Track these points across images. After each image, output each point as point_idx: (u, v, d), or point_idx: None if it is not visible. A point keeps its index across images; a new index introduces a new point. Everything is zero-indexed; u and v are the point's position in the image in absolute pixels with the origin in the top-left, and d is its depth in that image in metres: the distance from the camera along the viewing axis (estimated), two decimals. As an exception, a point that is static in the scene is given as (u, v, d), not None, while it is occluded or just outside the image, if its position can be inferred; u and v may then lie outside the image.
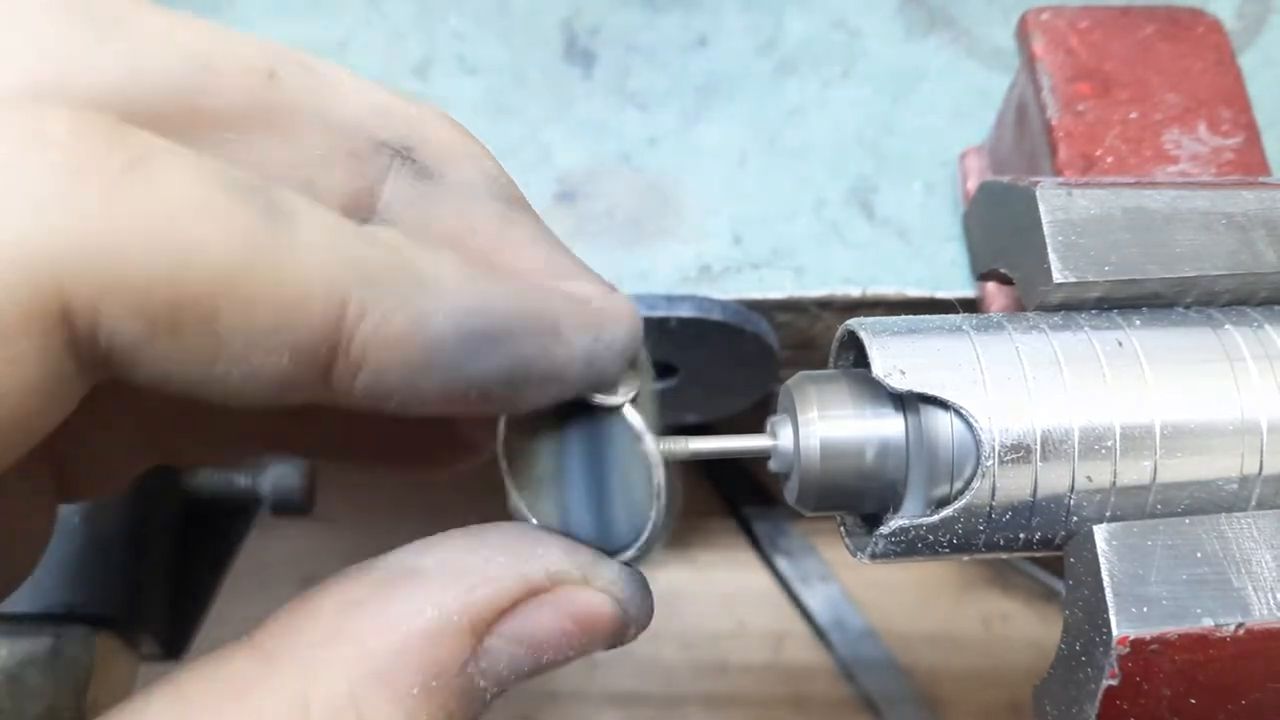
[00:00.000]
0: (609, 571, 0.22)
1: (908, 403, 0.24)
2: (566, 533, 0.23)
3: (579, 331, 0.21)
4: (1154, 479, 0.23)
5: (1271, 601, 0.22)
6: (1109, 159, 0.31)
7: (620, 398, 0.22)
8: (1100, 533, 0.23)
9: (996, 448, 0.22)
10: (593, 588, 0.22)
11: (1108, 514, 0.23)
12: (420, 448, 0.28)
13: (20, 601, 0.35)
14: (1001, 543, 0.24)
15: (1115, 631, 0.22)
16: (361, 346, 0.18)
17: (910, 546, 0.23)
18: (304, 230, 0.18)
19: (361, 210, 0.22)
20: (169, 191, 0.17)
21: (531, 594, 0.21)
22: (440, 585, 0.20)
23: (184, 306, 0.17)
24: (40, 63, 0.18)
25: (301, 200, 0.18)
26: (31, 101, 0.17)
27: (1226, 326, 0.24)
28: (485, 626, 0.20)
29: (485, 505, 0.24)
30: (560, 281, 0.22)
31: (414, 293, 0.19)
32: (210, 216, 0.17)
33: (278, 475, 0.43)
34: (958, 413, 0.23)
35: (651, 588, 0.23)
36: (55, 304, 0.16)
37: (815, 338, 0.40)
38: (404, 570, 0.21)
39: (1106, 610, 0.22)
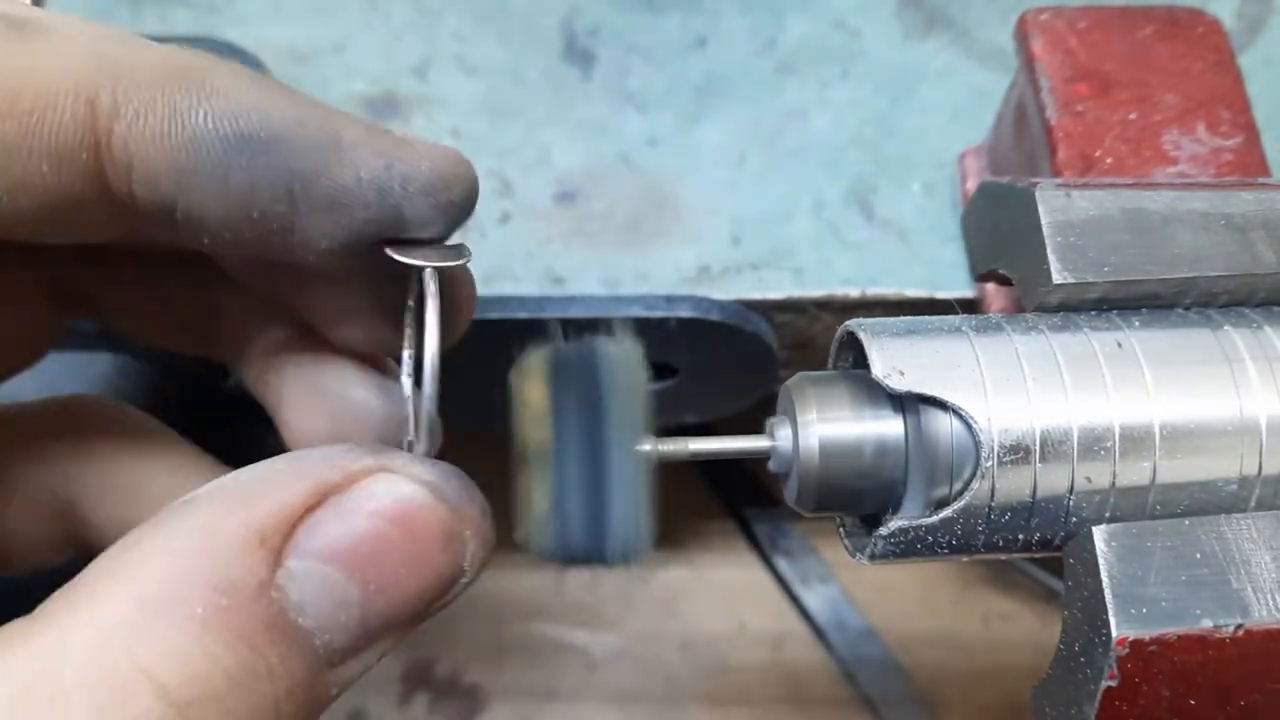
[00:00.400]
0: (410, 460, 0.20)
1: (907, 404, 0.24)
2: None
3: (369, 154, 0.20)
4: (1153, 480, 0.23)
5: (1270, 603, 0.22)
6: (1108, 160, 0.31)
7: (422, 259, 0.20)
8: (1099, 534, 0.23)
9: (996, 449, 0.22)
10: (395, 475, 0.20)
11: (1107, 515, 0.23)
12: None
13: (19, 602, 0.35)
14: (1001, 544, 0.24)
15: (1114, 632, 0.22)
16: (123, 145, 0.18)
17: (909, 547, 0.23)
18: (51, 39, 0.18)
19: None
20: None
21: (325, 494, 0.19)
22: (216, 503, 0.18)
23: None
24: None
25: (59, 17, 0.18)
26: None
27: (1225, 327, 0.24)
28: (278, 538, 0.18)
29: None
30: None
31: (174, 91, 0.19)
32: None
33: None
34: (957, 414, 0.23)
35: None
36: None
37: (814, 338, 0.40)
38: (178, 504, 0.19)
39: (1106, 611, 0.22)
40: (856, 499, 0.24)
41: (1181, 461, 0.23)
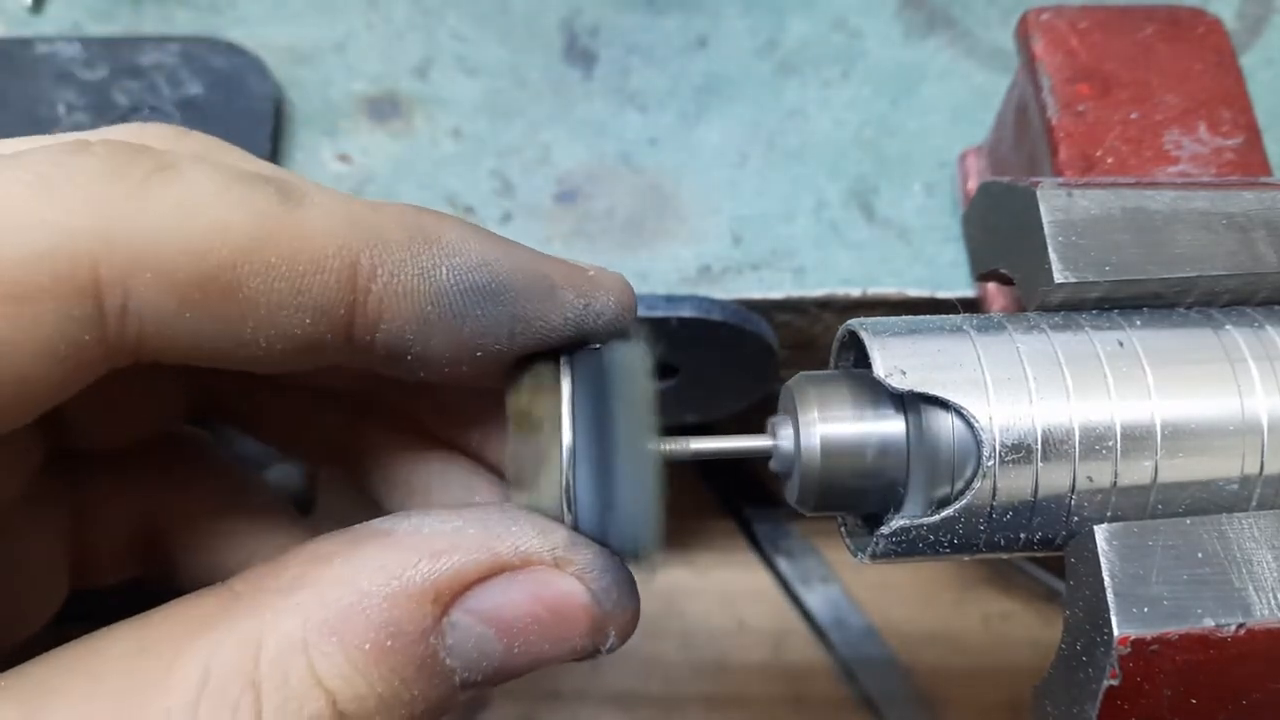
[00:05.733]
0: (584, 557, 0.22)
1: (909, 403, 0.24)
2: (556, 513, 0.22)
3: (572, 295, 0.22)
4: (1155, 479, 0.23)
5: (1272, 602, 0.22)
6: (1109, 159, 0.31)
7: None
8: (1101, 533, 0.23)
9: (997, 448, 0.22)
10: (565, 573, 0.22)
11: (1109, 514, 0.23)
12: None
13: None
14: (1002, 543, 0.24)
15: (1116, 631, 0.22)
16: (377, 302, 0.20)
17: (911, 546, 0.23)
18: (314, 205, 0.20)
19: None
20: (191, 184, 0.19)
21: (500, 570, 0.21)
22: (406, 548, 0.21)
23: (209, 279, 0.19)
24: None
25: (312, 184, 0.21)
26: None
27: (1227, 327, 0.24)
28: (450, 596, 0.21)
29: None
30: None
31: (421, 251, 0.21)
32: (227, 201, 0.19)
33: (278, 475, 0.43)
34: (959, 413, 0.23)
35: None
36: (85, 275, 0.18)
37: (815, 338, 0.40)
38: (375, 532, 0.21)
39: (1107, 610, 0.22)
40: (858, 498, 0.24)
41: (1183, 461, 0.23)
